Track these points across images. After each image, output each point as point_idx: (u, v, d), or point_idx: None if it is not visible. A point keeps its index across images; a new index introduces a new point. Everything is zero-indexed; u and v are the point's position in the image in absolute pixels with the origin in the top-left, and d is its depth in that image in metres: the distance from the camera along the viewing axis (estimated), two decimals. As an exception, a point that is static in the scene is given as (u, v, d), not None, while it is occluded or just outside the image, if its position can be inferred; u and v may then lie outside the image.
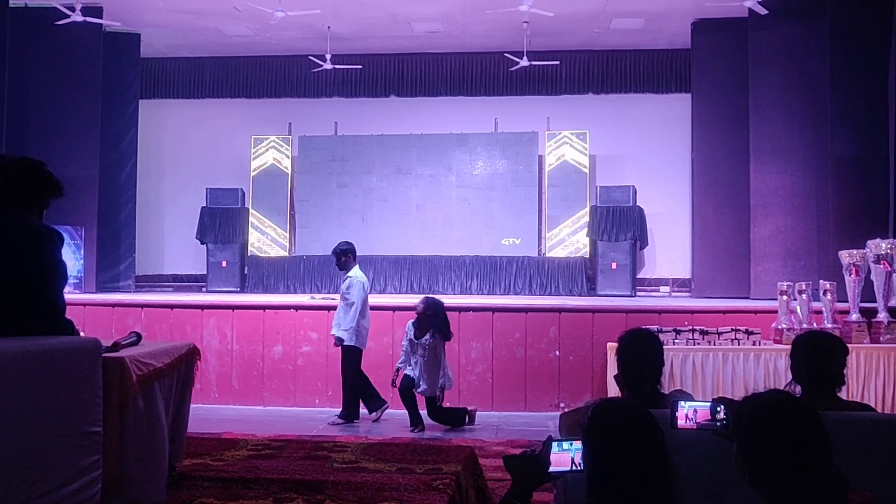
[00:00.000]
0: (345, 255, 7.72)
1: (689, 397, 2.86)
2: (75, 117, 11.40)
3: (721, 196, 11.62)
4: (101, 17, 10.84)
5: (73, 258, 10.81)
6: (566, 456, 2.28)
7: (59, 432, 2.75)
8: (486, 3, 10.70)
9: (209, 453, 4.07)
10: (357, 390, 7.55)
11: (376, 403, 7.57)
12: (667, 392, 3.56)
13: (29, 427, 2.64)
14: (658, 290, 12.86)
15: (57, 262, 2.90)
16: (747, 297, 10.56)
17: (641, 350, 3.51)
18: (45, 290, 2.84)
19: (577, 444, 2.24)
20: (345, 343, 7.45)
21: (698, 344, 7.69)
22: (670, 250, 12.85)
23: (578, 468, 2.25)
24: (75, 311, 8.56)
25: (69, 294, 10.28)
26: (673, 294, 12.60)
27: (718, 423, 2.46)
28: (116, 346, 3.24)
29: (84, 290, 10.95)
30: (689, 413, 2.49)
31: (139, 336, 3.50)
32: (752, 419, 2.05)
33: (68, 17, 10.22)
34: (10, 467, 2.57)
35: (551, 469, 2.30)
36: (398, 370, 7.33)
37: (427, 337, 7.20)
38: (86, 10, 10.38)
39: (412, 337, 7.28)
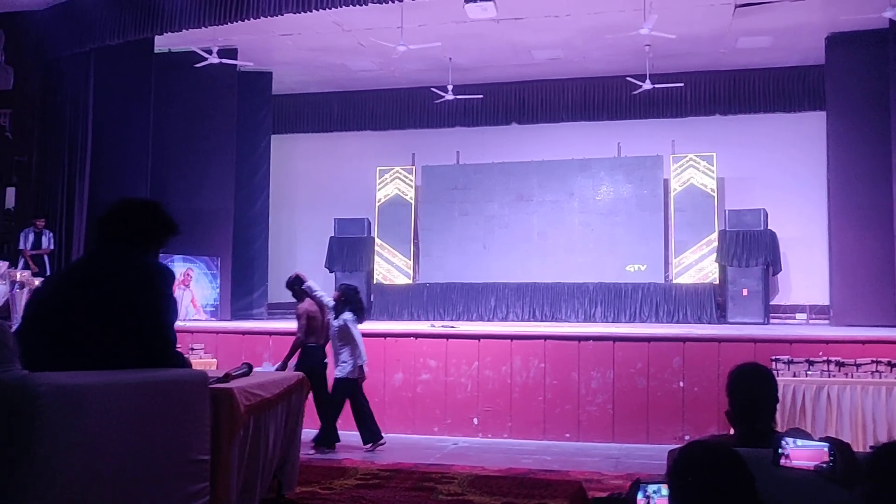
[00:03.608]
0: (298, 285, 7.60)
1: (805, 436, 2.71)
2: (212, 153, 12.07)
3: (861, 218, 10.95)
4: (235, 59, 11.45)
5: (209, 287, 11.40)
6: (654, 500, 2.20)
7: (169, 459, 2.89)
8: (607, 28, 10.59)
9: (318, 481, 4.18)
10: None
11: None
12: (782, 430, 3.37)
13: (142, 454, 2.79)
14: (794, 318, 12.25)
15: (168, 298, 3.06)
16: (893, 326, 9.87)
17: (752, 385, 3.34)
18: (157, 325, 2.99)
19: (665, 489, 2.16)
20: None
21: (834, 376, 7.25)
22: (806, 276, 12.22)
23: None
24: (208, 337, 8.98)
25: (206, 322, 10.86)
26: (811, 322, 11.96)
27: (825, 465, 2.33)
28: (227, 377, 3.39)
29: (220, 318, 11.47)
30: (794, 451, 2.37)
31: (250, 367, 3.64)
32: None
33: (206, 59, 10.88)
34: (126, 491, 2.72)
35: (638, 513, 2.22)
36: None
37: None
38: (222, 53, 11.02)
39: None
